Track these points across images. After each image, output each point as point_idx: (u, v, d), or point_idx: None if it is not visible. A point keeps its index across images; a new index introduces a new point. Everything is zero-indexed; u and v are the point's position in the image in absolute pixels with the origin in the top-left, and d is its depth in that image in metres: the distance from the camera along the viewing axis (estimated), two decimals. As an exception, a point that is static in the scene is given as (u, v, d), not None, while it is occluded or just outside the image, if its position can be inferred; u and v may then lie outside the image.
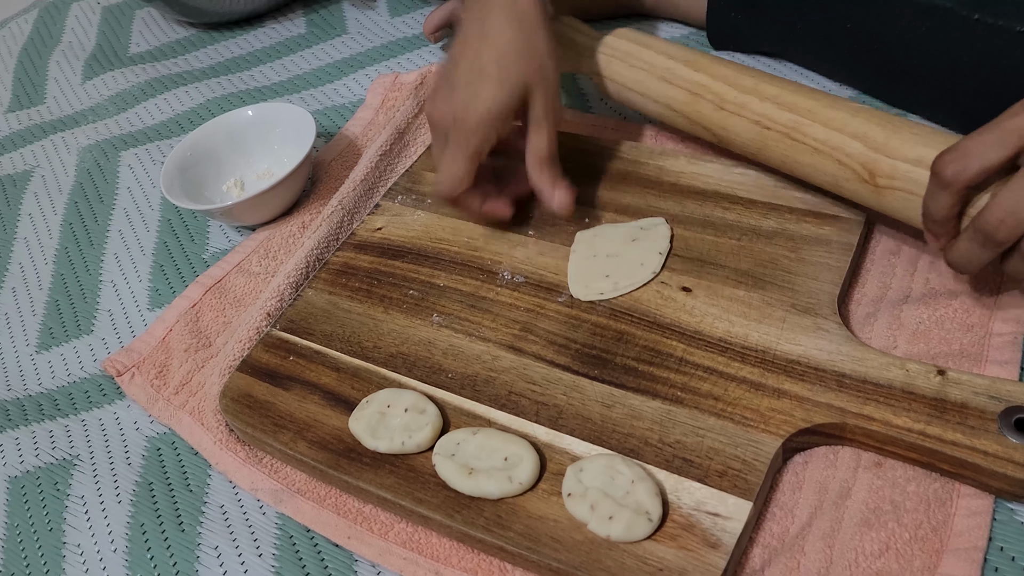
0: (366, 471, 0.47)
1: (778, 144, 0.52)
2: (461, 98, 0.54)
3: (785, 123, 0.52)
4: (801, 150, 0.51)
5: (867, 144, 0.48)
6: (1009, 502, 0.42)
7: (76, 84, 0.95)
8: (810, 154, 0.51)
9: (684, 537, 0.41)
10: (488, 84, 0.54)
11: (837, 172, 0.50)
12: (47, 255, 0.75)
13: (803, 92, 0.53)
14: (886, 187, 0.47)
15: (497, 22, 0.55)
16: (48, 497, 0.55)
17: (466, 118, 0.54)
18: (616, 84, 0.62)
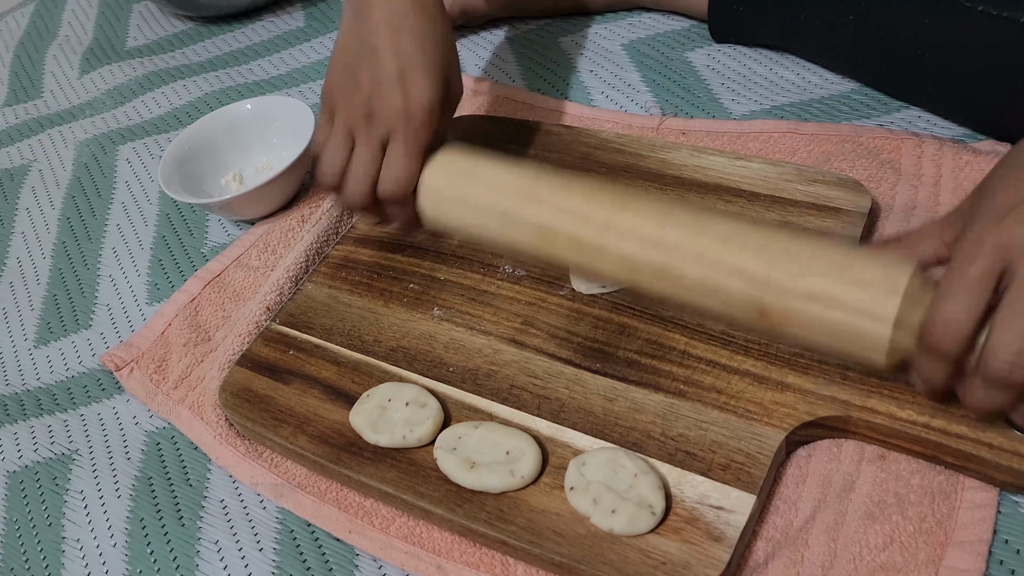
0: (367, 465, 0.47)
1: (654, 284, 0.44)
2: (396, 91, 0.51)
3: (653, 263, 0.43)
4: (680, 290, 0.43)
5: (747, 282, 0.41)
6: (1014, 495, 0.41)
7: (73, 78, 0.95)
8: (691, 293, 0.43)
9: (687, 531, 0.41)
10: (422, 75, 0.51)
11: (726, 311, 0.42)
12: (45, 250, 0.74)
13: (666, 216, 0.44)
14: (782, 325, 0.41)
15: (404, 8, 0.52)
16: (47, 492, 0.55)
17: (414, 112, 0.51)
18: (452, 227, 0.51)
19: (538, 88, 0.74)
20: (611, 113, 0.69)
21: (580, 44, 0.78)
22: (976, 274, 0.36)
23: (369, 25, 0.52)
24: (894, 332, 0.38)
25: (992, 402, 0.37)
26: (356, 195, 0.52)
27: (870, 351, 0.39)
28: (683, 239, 0.43)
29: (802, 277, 0.40)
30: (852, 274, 0.39)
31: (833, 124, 0.61)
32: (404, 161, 0.50)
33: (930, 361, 0.37)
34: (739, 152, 0.61)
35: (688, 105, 0.68)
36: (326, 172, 0.53)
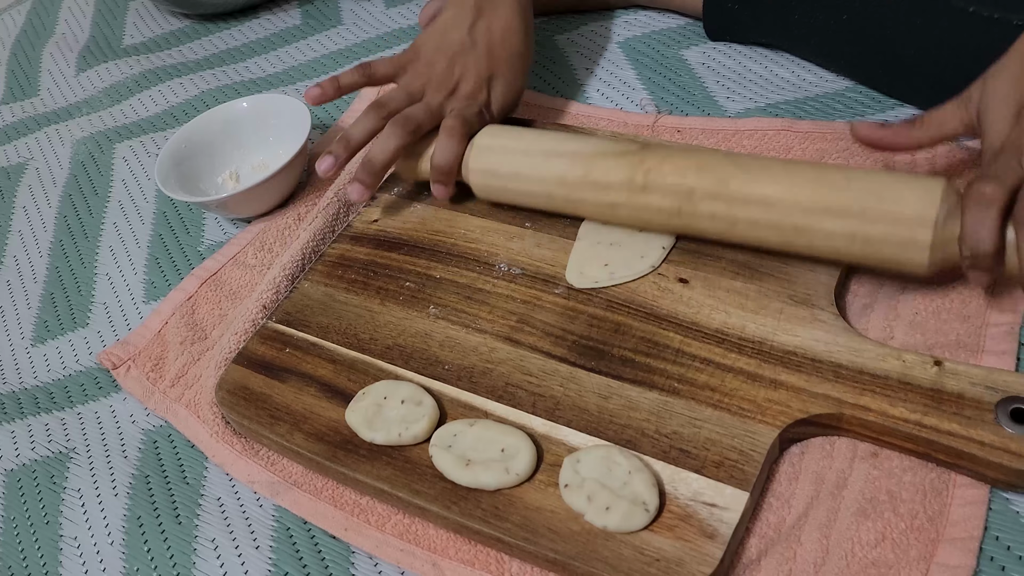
0: (363, 463, 0.47)
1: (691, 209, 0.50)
2: (482, 89, 0.60)
3: (688, 189, 0.50)
4: (727, 212, 0.50)
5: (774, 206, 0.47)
6: (1005, 492, 0.42)
7: (70, 76, 0.95)
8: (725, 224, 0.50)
9: (681, 528, 0.41)
10: (503, 87, 0.61)
11: (760, 231, 0.49)
12: (42, 248, 0.75)
13: (702, 160, 0.50)
14: (822, 235, 0.47)
15: (512, 24, 0.61)
16: (44, 490, 0.55)
17: (483, 112, 0.60)
18: (498, 190, 0.58)
19: (534, 86, 0.74)
20: (607, 111, 0.69)
21: (576, 42, 0.78)
22: (991, 194, 0.41)
23: (481, 25, 0.60)
24: (934, 234, 0.43)
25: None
26: (406, 125, 0.57)
27: (913, 253, 0.44)
28: (733, 171, 0.49)
29: (840, 196, 0.45)
30: (888, 190, 0.45)
31: (828, 122, 0.62)
32: (456, 140, 0.57)
33: (979, 212, 0.42)
34: (734, 150, 0.61)
35: (683, 103, 0.68)
36: (392, 99, 0.59)
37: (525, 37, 0.62)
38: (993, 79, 0.46)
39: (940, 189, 0.44)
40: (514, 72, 0.61)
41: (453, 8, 0.61)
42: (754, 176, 0.48)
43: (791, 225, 0.47)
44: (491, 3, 0.60)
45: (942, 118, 0.48)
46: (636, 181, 0.51)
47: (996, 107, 0.45)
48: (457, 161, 0.57)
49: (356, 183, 0.58)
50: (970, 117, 0.47)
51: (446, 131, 0.57)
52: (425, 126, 0.58)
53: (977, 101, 0.47)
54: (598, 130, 0.64)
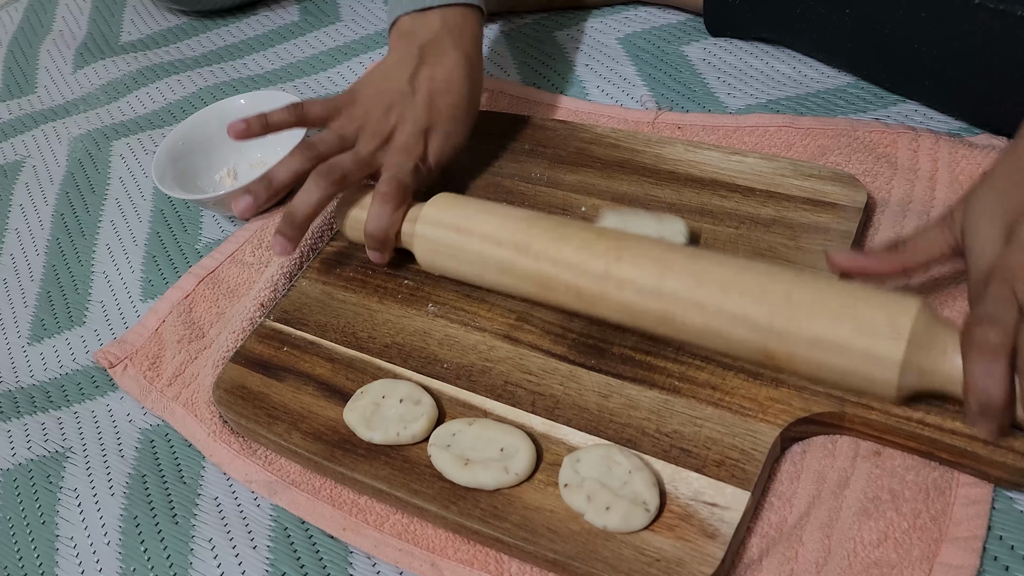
0: (361, 462, 0.47)
1: (657, 328, 0.46)
2: (417, 141, 0.56)
3: (655, 312, 0.45)
4: (684, 335, 0.46)
5: (750, 329, 0.43)
6: (1008, 491, 0.41)
7: (67, 73, 0.95)
8: (695, 338, 0.45)
9: (682, 527, 0.41)
10: (443, 139, 0.58)
11: (733, 351, 0.45)
12: (38, 246, 0.74)
13: (664, 264, 0.45)
14: (789, 368, 0.43)
15: (455, 74, 0.58)
16: (40, 490, 0.55)
17: (419, 167, 0.56)
18: (447, 273, 0.54)
19: (534, 83, 0.74)
20: (607, 107, 0.69)
21: (576, 38, 0.77)
22: (996, 341, 0.38)
23: (423, 73, 0.57)
24: (901, 376, 0.40)
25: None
26: (330, 175, 0.54)
27: (879, 391, 0.41)
28: (682, 289, 0.45)
29: (805, 323, 0.41)
30: (855, 321, 0.40)
31: (829, 118, 0.61)
32: (390, 207, 0.53)
33: (987, 365, 0.38)
34: (735, 147, 0.61)
35: (684, 99, 0.68)
36: (322, 141, 0.56)
37: (470, 88, 0.58)
38: (977, 197, 0.43)
39: (909, 321, 0.40)
40: (455, 123, 0.58)
41: (396, 53, 0.58)
42: (718, 302, 0.44)
43: (756, 346, 0.44)
44: (436, 51, 0.57)
45: (926, 242, 0.45)
46: (586, 301, 0.48)
47: (982, 226, 0.42)
48: (393, 230, 0.53)
49: (279, 236, 0.54)
50: (955, 238, 0.44)
51: (379, 198, 0.53)
52: (353, 177, 0.55)
53: (960, 221, 0.43)
54: (597, 126, 0.63)
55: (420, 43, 0.58)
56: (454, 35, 0.58)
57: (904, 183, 0.55)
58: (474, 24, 0.60)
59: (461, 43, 0.58)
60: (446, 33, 0.58)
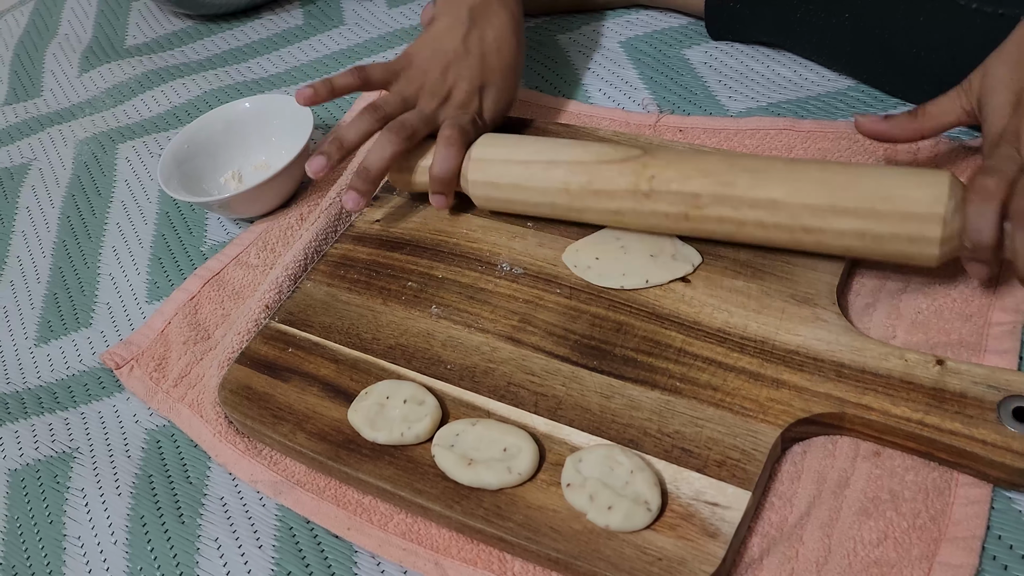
0: (365, 462, 0.47)
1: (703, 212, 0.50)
2: (473, 98, 0.60)
3: (694, 195, 0.50)
4: (715, 225, 0.50)
5: (812, 213, 0.47)
6: (1007, 491, 0.42)
7: (73, 76, 0.95)
8: (735, 226, 0.50)
9: (683, 527, 0.41)
10: (495, 95, 0.61)
11: (767, 232, 0.49)
12: (45, 248, 0.75)
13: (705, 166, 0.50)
14: (834, 243, 0.47)
15: (506, 33, 0.61)
16: (48, 490, 0.55)
17: (475, 120, 0.60)
18: (502, 203, 0.58)
19: (536, 86, 0.74)
20: (608, 111, 0.69)
21: (578, 42, 0.78)
22: (992, 186, 0.42)
23: (474, 34, 0.61)
24: (944, 229, 0.44)
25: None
26: (401, 132, 0.57)
27: (923, 246, 0.45)
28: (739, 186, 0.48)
29: (852, 194, 0.45)
30: (898, 191, 0.45)
31: (830, 121, 0.62)
32: (454, 150, 0.57)
33: (980, 206, 0.42)
34: (736, 149, 0.61)
35: (685, 102, 0.68)
36: (386, 103, 0.59)
37: (517, 47, 0.62)
38: (992, 66, 0.47)
39: (947, 184, 0.44)
40: (506, 81, 0.62)
41: (447, 16, 0.61)
42: (759, 179, 0.48)
43: (800, 226, 0.47)
44: (485, 13, 0.61)
45: (943, 108, 0.49)
46: (640, 188, 0.51)
47: (996, 94, 0.46)
48: (456, 171, 0.57)
49: (352, 192, 0.57)
50: (971, 105, 0.48)
51: (444, 141, 0.57)
52: (420, 133, 0.58)
53: (977, 89, 0.47)
54: (599, 129, 0.64)
55: (469, 5, 0.61)
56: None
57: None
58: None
59: (507, 3, 0.62)
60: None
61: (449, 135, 0.57)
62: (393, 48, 0.85)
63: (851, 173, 0.46)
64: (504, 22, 0.61)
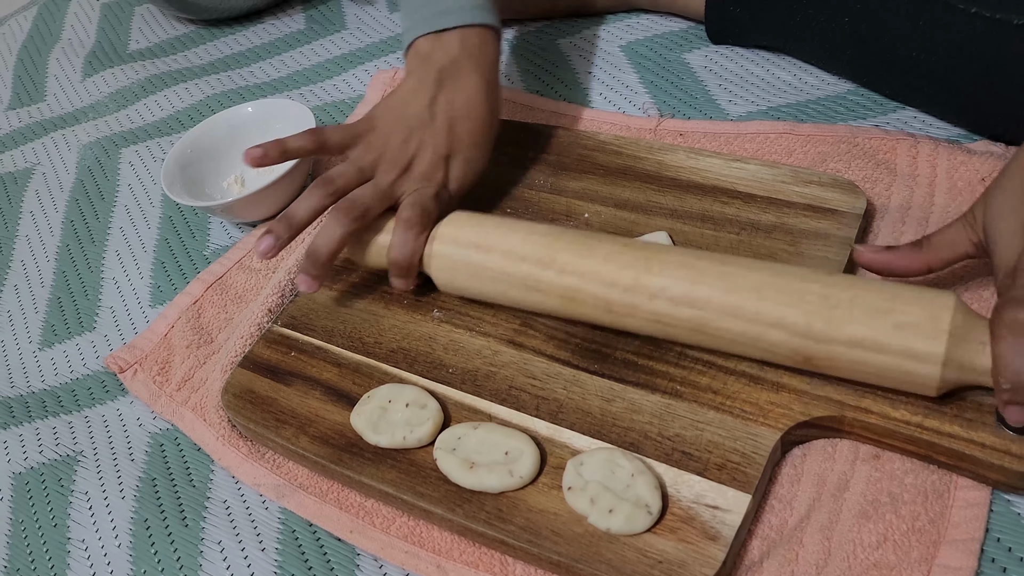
0: (368, 466, 0.48)
1: (692, 337, 0.46)
2: (438, 168, 0.56)
3: (688, 320, 0.45)
4: (720, 342, 0.45)
5: (789, 332, 0.43)
6: (1006, 494, 0.42)
7: (76, 81, 0.96)
8: (731, 345, 0.45)
9: (684, 530, 0.41)
10: (464, 166, 0.57)
11: (768, 357, 0.45)
12: (49, 252, 0.75)
13: (695, 271, 0.45)
14: (829, 369, 0.43)
15: (475, 99, 0.57)
16: (52, 493, 0.56)
17: (441, 194, 0.55)
18: (469, 294, 0.53)
19: (537, 90, 0.74)
20: (609, 115, 0.70)
21: (578, 46, 0.78)
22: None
23: (442, 98, 0.56)
24: (943, 371, 0.40)
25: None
26: (351, 212, 0.53)
27: (920, 388, 0.42)
28: (716, 295, 0.44)
29: (844, 324, 0.41)
30: (894, 318, 0.41)
31: (829, 125, 0.62)
32: (413, 233, 0.52)
33: (1014, 401, 0.39)
34: (736, 153, 0.61)
35: (685, 106, 0.68)
36: (340, 175, 0.55)
37: (490, 112, 0.57)
38: (996, 194, 0.43)
39: (948, 316, 0.40)
40: (475, 149, 0.57)
41: (414, 78, 0.57)
42: (754, 305, 0.44)
43: (796, 356, 0.44)
44: (454, 76, 0.56)
45: (950, 239, 0.45)
46: (627, 314, 0.47)
47: (1004, 222, 0.42)
48: (416, 256, 0.53)
49: (304, 275, 0.53)
50: (977, 236, 0.44)
51: (402, 224, 0.52)
52: (373, 211, 0.53)
53: (982, 219, 0.44)
54: (600, 133, 0.64)
55: (438, 67, 0.56)
56: (473, 58, 0.57)
57: (903, 189, 0.56)
58: (492, 46, 0.59)
59: (480, 66, 0.57)
60: (465, 57, 0.57)
61: (408, 217, 0.52)
62: (395, 52, 0.85)
63: (850, 297, 0.42)
64: (475, 86, 0.56)
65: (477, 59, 0.57)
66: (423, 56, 0.57)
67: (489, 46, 0.58)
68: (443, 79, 0.56)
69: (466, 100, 0.56)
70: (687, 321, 0.45)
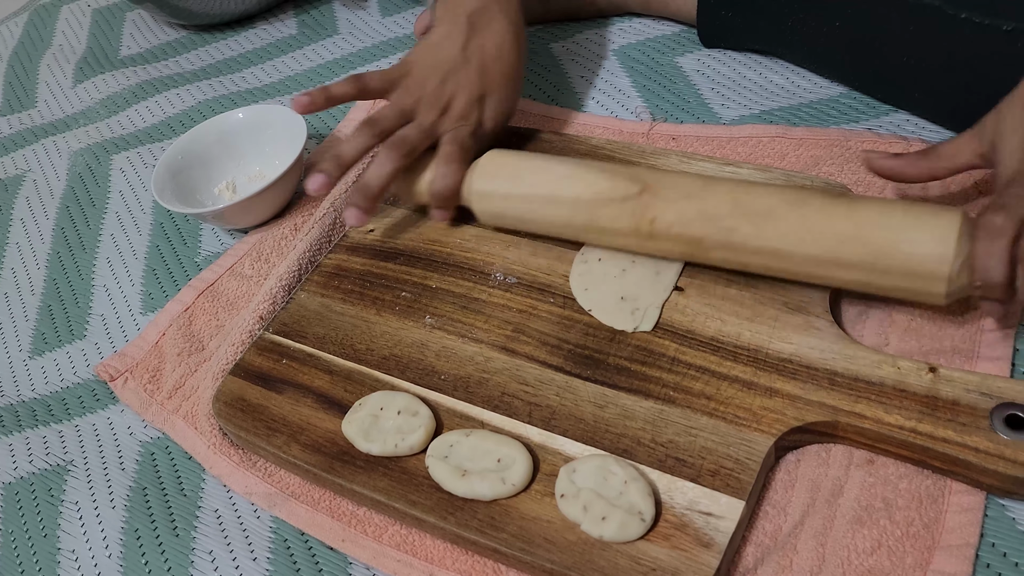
0: (360, 474, 0.47)
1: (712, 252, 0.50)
2: (474, 108, 0.59)
3: (714, 238, 0.49)
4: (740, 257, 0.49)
5: (816, 263, 0.46)
6: (1000, 498, 0.42)
7: (67, 87, 0.95)
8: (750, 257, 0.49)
9: (677, 537, 0.41)
10: (497, 104, 0.60)
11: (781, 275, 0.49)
12: (39, 260, 0.75)
13: (704, 217, 0.49)
14: (846, 284, 0.47)
15: (506, 42, 0.60)
16: (42, 503, 0.55)
17: (476, 131, 0.59)
18: (505, 223, 0.58)
19: (529, 94, 0.74)
20: (602, 119, 0.69)
21: (571, 50, 0.78)
22: (1000, 223, 0.41)
23: (474, 42, 0.60)
24: (950, 279, 0.43)
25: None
26: (401, 148, 0.57)
27: (930, 296, 0.44)
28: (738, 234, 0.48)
29: (860, 247, 0.45)
30: (906, 234, 0.44)
31: (822, 128, 0.62)
32: (455, 167, 0.56)
33: (989, 244, 0.41)
34: (729, 157, 0.61)
35: (678, 110, 0.68)
36: (384, 117, 0.58)
37: (518, 54, 0.61)
38: (1006, 110, 0.45)
39: (954, 235, 0.42)
40: (507, 90, 0.61)
41: (445, 24, 0.60)
42: (761, 227, 0.47)
43: (804, 273, 0.47)
44: (484, 20, 0.60)
45: (956, 149, 0.48)
46: (642, 230, 0.50)
47: (1009, 137, 0.45)
48: (457, 188, 0.57)
49: (353, 208, 0.56)
50: (984, 148, 0.46)
51: (444, 158, 0.56)
52: (419, 148, 0.57)
53: (991, 132, 0.46)
54: (592, 138, 0.64)
55: (468, 12, 0.60)
56: (499, 3, 0.60)
57: (896, 193, 0.56)
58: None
59: (507, 11, 0.60)
60: (492, 2, 0.60)
61: (448, 152, 0.56)
62: (387, 57, 0.85)
63: (855, 220, 0.45)
64: (504, 29, 0.60)
65: (503, 4, 0.61)
66: (452, 3, 0.61)
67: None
68: (473, 23, 0.60)
69: (497, 43, 0.60)
70: (700, 234, 0.49)
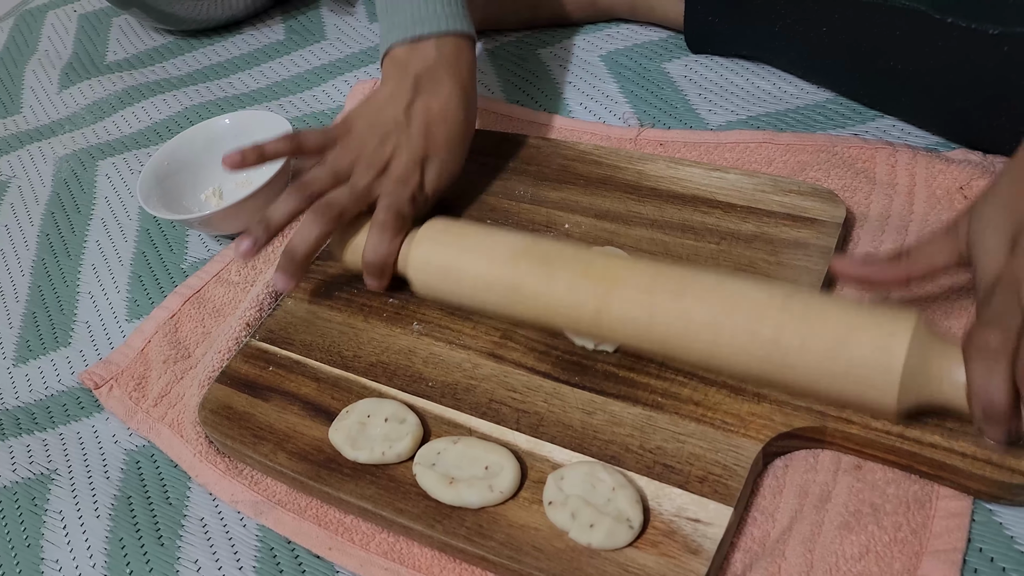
0: (347, 482, 0.47)
1: (656, 356, 0.48)
2: (414, 171, 0.56)
3: (650, 348, 0.47)
4: (683, 363, 0.47)
5: (746, 367, 0.44)
6: (988, 503, 0.42)
7: (53, 93, 0.95)
8: (693, 366, 0.47)
9: (665, 544, 0.41)
10: (438, 168, 0.57)
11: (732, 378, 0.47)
12: (24, 266, 0.74)
13: (650, 309, 0.45)
14: (790, 392, 0.45)
15: (452, 103, 0.57)
16: (26, 512, 0.55)
17: (416, 196, 0.56)
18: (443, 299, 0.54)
19: (517, 100, 0.74)
20: (589, 124, 0.69)
21: (558, 56, 0.78)
22: (997, 343, 0.38)
23: (419, 103, 0.57)
24: (900, 398, 0.40)
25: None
26: (327, 212, 0.54)
27: (880, 413, 0.42)
28: (671, 336, 0.45)
29: (799, 360, 0.42)
30: (850, 351, 0.41)
31: (808, 134, 0.62)
32: (388, 236, 0.53)
33: (989, 368, 0.38)
34: (716, 163, 0.61)
35: (665, 116, 0.68)
36: (316, 179, 0.55)
37: (465, 117, 0.58)
38: (982, 208, 0.43)
39: (906, 343, 0.40)
40: (451, 153, 0.57)
41: (391, 84, 0.58)
42: (709, 341, 0.44)
43: (753, 376, 0.45)
44: (431, 80, 0.57)
45: (931, 251, 0.45)
46: (593, 325, 0.48)
47: (988, 237, 0.42)
48: (390, 259, 0.54)
49: (280, 272, 0.54)
50: (960, 248, 0.44)
51: (378, 226, 0.53)
52: (349, 212, 0.54)
53: (966, 232, 0.43)
54: (580, 143, 0.64)
55: (415, 73, 0.57)
56: (449, 65, 0.58)
57: (882, 198, 0.56)
58: (468, 53, 0.59)
59: (456, 72, 0.58)
60: (441, 63, 0.58)
61: (383, 220, 0.53)
62: (374, 62, 0.85)
63: (801, 335, 0.42)
64: (452, 91, 0.57)
65: (453, 66, 0.58)
66: (400, 63, 0.58)
67: (465, 53, 0.59)
68: (420, 85, 0.57)
69: (442, 105, 0.57)
70: (648, 349, 0.47)
